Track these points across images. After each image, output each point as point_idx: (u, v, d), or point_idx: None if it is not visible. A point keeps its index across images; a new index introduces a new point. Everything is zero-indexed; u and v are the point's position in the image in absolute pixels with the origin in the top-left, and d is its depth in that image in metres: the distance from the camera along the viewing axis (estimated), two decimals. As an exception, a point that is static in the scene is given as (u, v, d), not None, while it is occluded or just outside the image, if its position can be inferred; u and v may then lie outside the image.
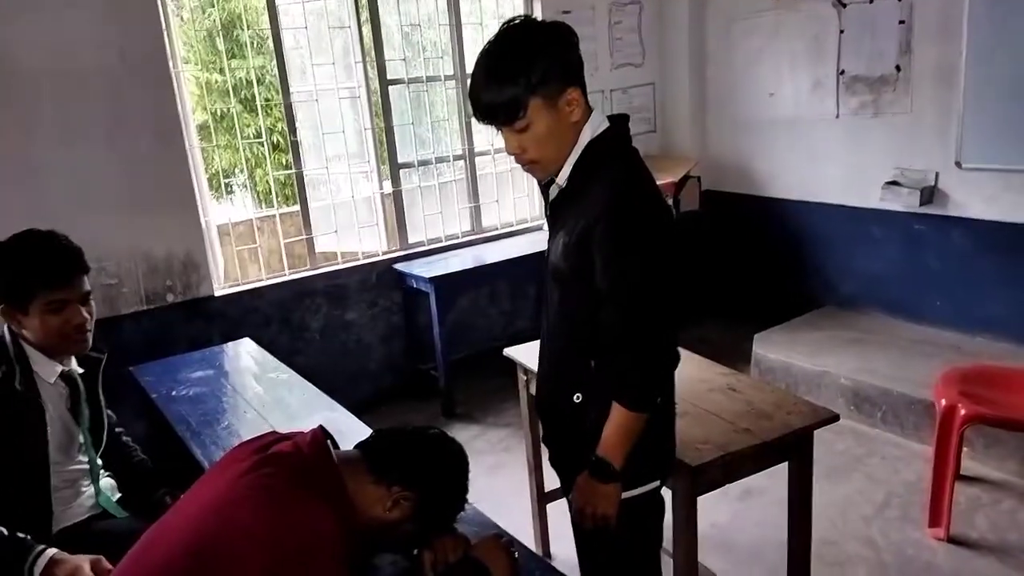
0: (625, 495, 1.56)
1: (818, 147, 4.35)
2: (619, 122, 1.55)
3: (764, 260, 4.81)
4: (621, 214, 1.43)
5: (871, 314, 4.23)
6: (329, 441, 1.37)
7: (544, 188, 1.65)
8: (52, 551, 1.67)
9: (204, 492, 1.30)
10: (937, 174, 3.82)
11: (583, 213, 1.48)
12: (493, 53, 1.45)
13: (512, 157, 1.55)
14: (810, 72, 4.27)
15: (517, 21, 1.47)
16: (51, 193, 3.14)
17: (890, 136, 3.99)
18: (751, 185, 4.77)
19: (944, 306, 3.92)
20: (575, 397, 1.58)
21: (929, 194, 3.84)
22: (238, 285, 3.82)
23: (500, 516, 1.73)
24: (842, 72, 4.12)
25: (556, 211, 1.60)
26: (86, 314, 1.81)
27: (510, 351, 2.56)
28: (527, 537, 2.69)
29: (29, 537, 1.66)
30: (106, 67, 3.24)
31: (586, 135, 1.51)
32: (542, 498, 2.75)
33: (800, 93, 4.35)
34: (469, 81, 1.49)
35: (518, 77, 1.40)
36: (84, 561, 1.68)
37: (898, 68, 3.87)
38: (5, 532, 1.65)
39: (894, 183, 3.97)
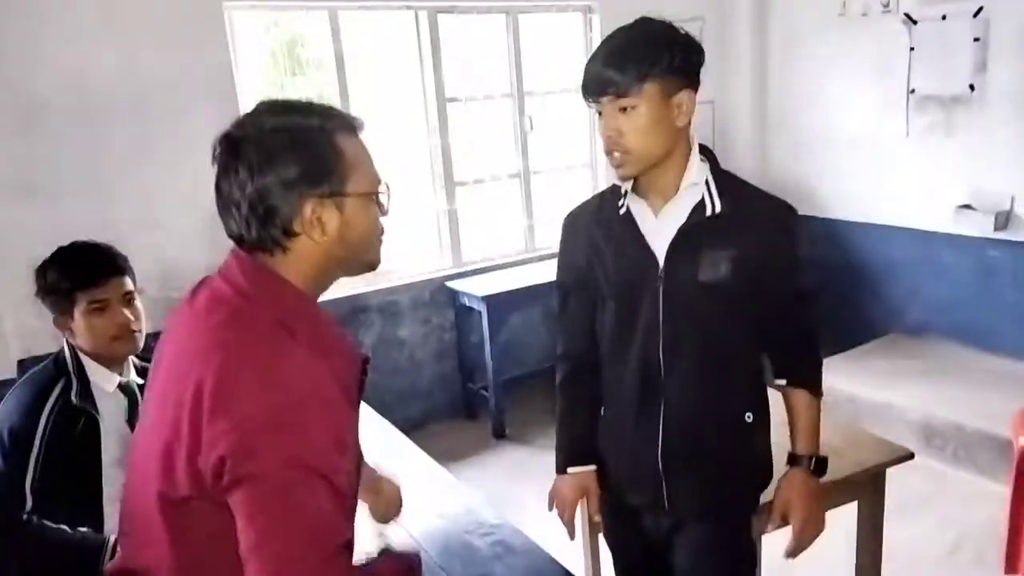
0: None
1: (886, 168, 4.20)
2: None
3: (825, 285, 4.65)
4: (794, 229, 1.60)
5: (940, 343, 4.04)
6: None
7: (627, 222, 1.54)
8: None
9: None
10: (1013, 198, 3.65)
11: (749, 228, 1.49)
12: (626, 33, 1.44)
13: (603, 144, 1.49)
14: (878, 90, 4.14)
15: (655, 17, 1.47)
16: (119, 211, 3.22)
17: (963, 157, 3.83)
18: (813, 207, 4.62)
19: (1021, 336, 3.72)
20: (747, 416, 1.53)
21: (1004, 219, 3.67)
22: (294, 300, 3.84)
23: (550, 544, 1.69)
24: (912, 90, 3.97)
25: (697, 233, 1.49)
26: (129, 314, 1.81)
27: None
28: (578, 568, 2.62)
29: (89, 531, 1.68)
30: (170, 85, 3.32)
31: (697, 161, 1.52)
32: (593, 528, 2.66)
33: (867, 112, 4.22)
34: (591, 55, 1.47)
35: (645, 57, 1.40)
36: None
37: (972, 87, 3.71)
38: (69, 531, 1.65)
39: (967, 207, 3.81)
